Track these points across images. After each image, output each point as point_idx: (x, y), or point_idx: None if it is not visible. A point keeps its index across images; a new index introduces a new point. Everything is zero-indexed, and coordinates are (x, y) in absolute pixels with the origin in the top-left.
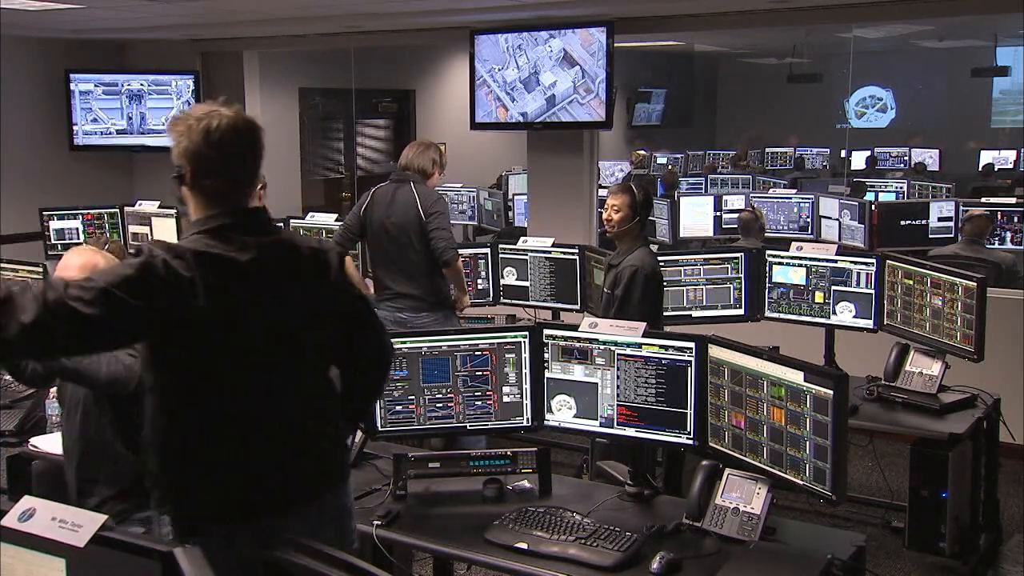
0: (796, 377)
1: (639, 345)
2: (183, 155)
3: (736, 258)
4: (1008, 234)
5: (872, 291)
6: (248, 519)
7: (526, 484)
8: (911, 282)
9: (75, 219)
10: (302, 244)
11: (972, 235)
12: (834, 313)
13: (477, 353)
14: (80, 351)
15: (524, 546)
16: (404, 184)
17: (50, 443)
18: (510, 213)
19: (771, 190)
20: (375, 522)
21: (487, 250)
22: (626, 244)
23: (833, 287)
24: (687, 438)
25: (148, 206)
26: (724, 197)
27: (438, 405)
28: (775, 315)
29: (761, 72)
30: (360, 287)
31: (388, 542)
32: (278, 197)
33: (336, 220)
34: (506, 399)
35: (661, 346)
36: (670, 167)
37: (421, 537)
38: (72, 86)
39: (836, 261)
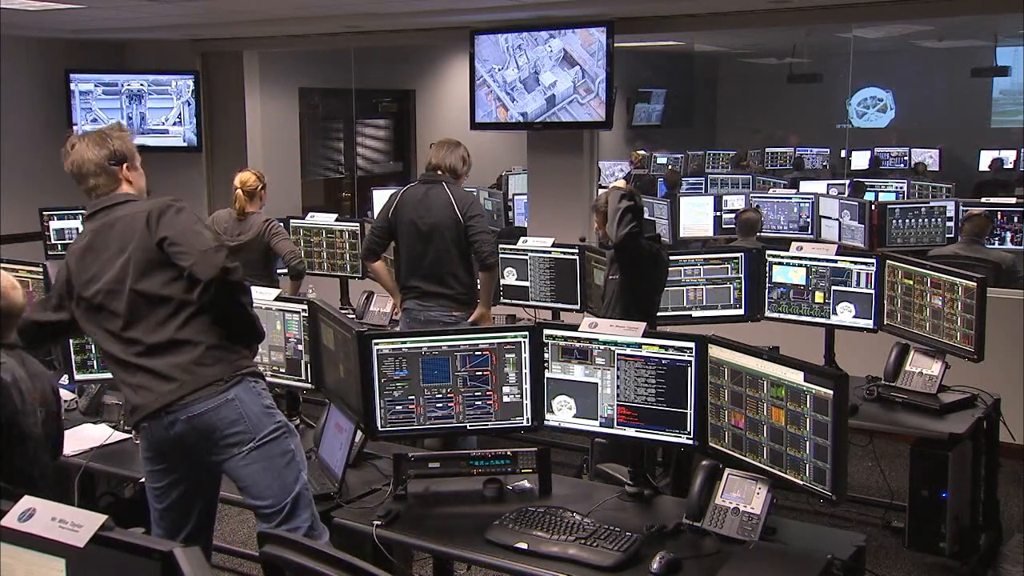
0: (796, 377)
1: (639, 345)
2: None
3: (736, 258)
4: (1008, 234)
5: (872, 291)
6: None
7: (526, 484)
8: (911, 282)
9: (75, 219)
10: (122, 215)
11: (971, 235)
12: (834, 313)
13: (477, 353)
14: None
15: (524, 546)
16: (436, 184)
17: None
18: (510, 213)
19: (771, 190)
20: (375, 522)
21: None
22: None
23: (833, 287)
24: (687, 438)
25: None
26: (724, 197)
27: (438, 405)
28: (775, 315)
29: (761, 72)
30: (392, 292)
31: (388, 542)
32: (278, 197)
33: (336, 220)
34: (506, 399)
35: (661, 346)
36: (671, 167)
37: (421, 537)
38: (72, 86)
39: (836, 261)
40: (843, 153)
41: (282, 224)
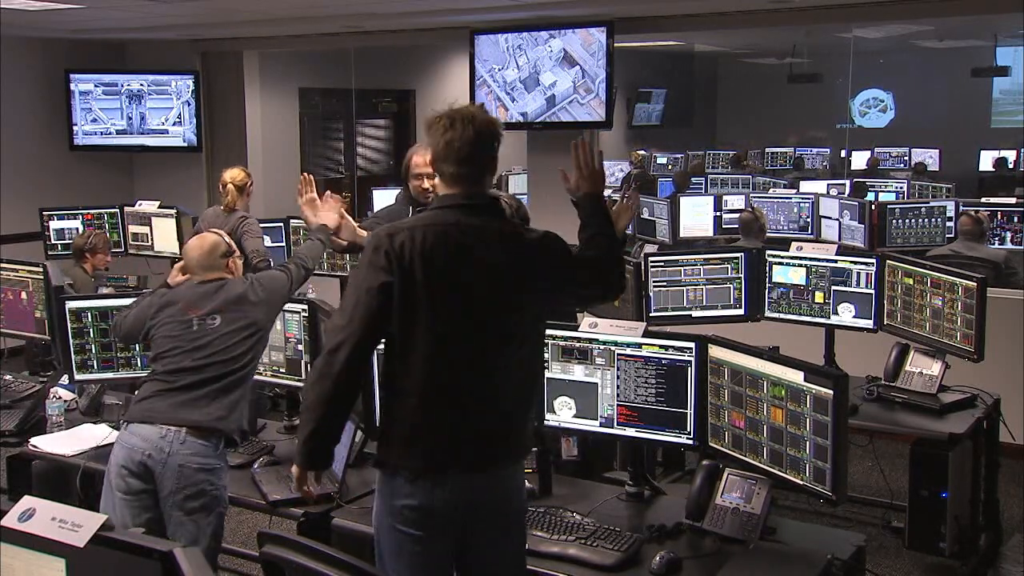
0: (796, 377)
1: (639, 345)
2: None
3: (736, 258)
4: (1008, 234)
5: (872, 291)
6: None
7: (526, 484)
8: (911, 282)
9: (75, 219)
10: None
11: (966, 235)
12: (834, 313)
13: None
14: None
15: None
16: None
17: (50, 443)
18: None
19: (771, 190)
20: None
21: None
22: None
23: (833, 287)
24: (687, 438)
25: (148, 206)
26: (724, 197)
27: None
28: (775, 315)
29: (761, 72)
30: None
31: None
32: (278, 197)
33: None
34: None
35: (661, 346)
36: (670, 166)
37: None
38: (72, 86)
39: (836, 261)
40: (843, 153)
41: (258, 222)
